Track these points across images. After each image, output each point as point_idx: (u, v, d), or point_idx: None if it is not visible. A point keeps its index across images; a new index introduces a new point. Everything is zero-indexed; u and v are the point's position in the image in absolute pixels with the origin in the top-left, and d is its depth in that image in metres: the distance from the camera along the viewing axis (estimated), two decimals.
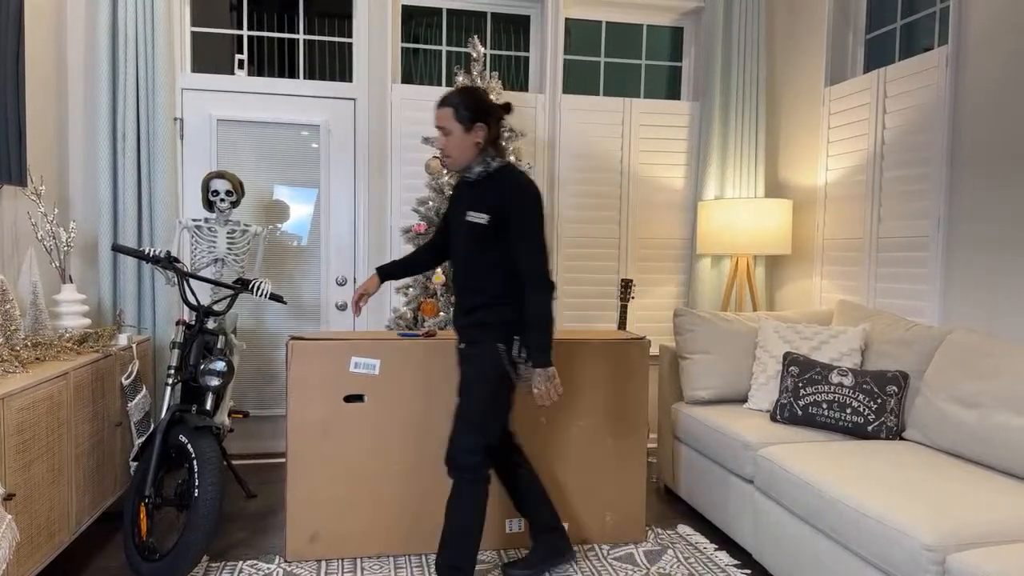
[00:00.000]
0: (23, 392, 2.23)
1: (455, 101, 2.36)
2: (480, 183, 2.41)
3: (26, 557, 2.26)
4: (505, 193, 2.35)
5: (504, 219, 2.33)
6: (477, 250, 2.39)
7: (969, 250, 2.98)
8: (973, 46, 2.97)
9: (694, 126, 4.39)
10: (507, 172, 2.40)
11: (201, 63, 4.16)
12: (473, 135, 2.37)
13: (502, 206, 2.33)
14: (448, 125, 2.37)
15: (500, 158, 2.43)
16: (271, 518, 3.24)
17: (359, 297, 2.68)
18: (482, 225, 2.35)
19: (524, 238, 2.33)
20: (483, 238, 2.37)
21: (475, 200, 2.39)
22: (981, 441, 2.43)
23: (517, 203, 2.33)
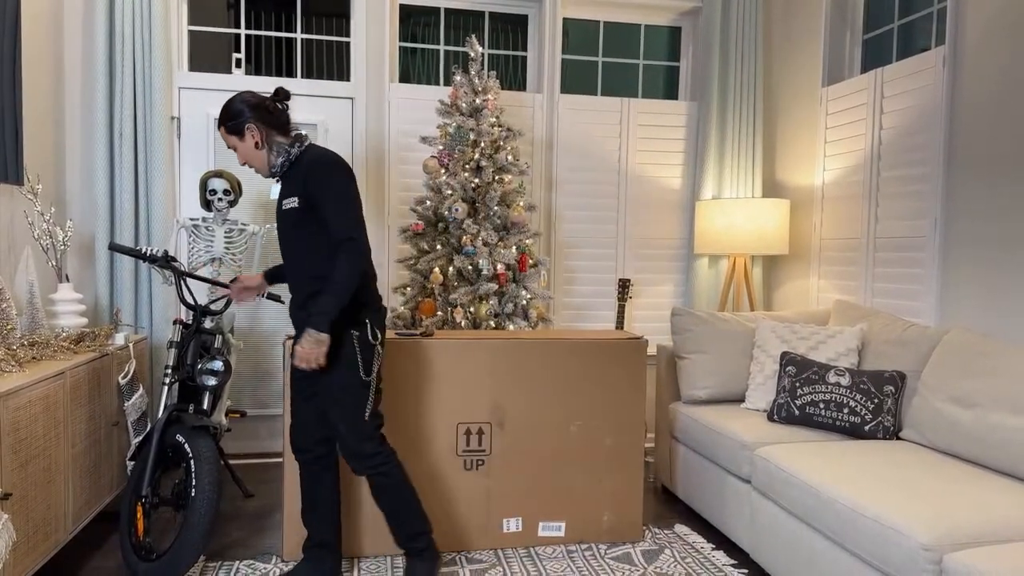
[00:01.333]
0: (19, 391, 2.22)
1: (222, 119, 2.39)
2: (288, 173, 2.40)
3: (22, 556, 2.25)
4: (306, 171, 2.32)
5: (312, 196, 2.30)
6: (298, 237, 2.36)
7: (966, 250, 2.98)
8: (970, 47, 2.98)
9: (692, 126, 4.40)
10: (306, 152, 2.39)
11: (198, 62, 4.15)
12: (249, 139, 2.37)
13: (306, 183, 2.30)
14: (229, 141, 2.41)
15: (299, 144, 2.40)
16: (268, 518, 3.23)
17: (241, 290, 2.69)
18: (295, 209, 2.33)
19: (331, 204, 2.28)
20: (300, 223, 2.34)
21: (287, 189, 2.38)
22: (977, 441, 2.44)
23: (318, 175, 2.30)
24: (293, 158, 2.38)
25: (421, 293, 3.61)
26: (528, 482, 2.93)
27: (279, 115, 2.41)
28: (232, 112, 2.37)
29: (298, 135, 2.43)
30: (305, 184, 2.30)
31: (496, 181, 3.57)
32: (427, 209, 3.61)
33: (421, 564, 2.52)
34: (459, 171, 3.55)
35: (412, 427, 2.84)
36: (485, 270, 3.49)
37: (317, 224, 2.32)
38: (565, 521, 2.98)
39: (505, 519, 2.93)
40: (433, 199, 3.61)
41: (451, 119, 3.61)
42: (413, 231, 3.63)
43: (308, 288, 2.38)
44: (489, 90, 3.64)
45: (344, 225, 2.27)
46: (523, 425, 2.91)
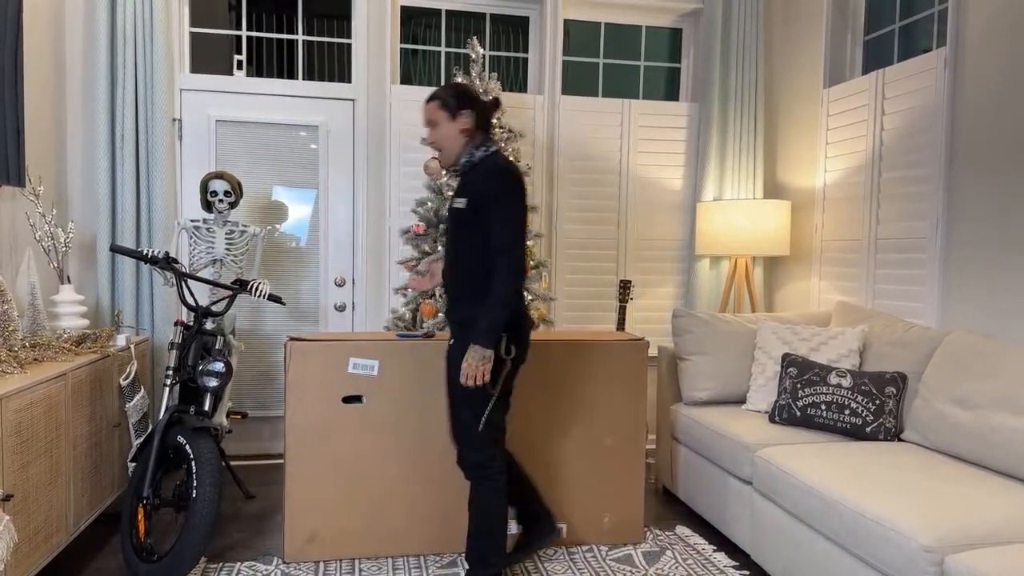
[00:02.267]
0: (21, 393, 2.22)
1: (441, 94, 2.40)
2: (465, 173, 2.43)
3: (24, 558, 2.25)
4: (483, 177, 2.33)
5: (481, 203, 2.30)
6: (459, 237, 2.39)
7: (967, 251, 2.98)
8: (971, 48, 2.98)
9: (693, 127, 4.40)
10: (489, 158, 2.39)
11: (200, 64, 4.16)
12: (459, 122, 2.38)
13: (479, 190, 2.31)
14: (435, 116, 2.39)
15: (485, 148, 2.40)
16: (269, 519, 3.23)
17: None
18: (462, 210, 2.35)
19: (497, 216, 2.27)
20: (463, 224, 2.36)
21: (460, 187, 2.42)
22: (979, 442, 2.43)
23: (492, 184, 2.30)
24: (476, 160, 2.39)
25: (422, 295, 3.61)
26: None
27: (489, 120, 2.46)
28: (461, 93, 2.39)
29: (490, 142, 2.43)
30: (478, 189, 2.31)
31: None
32: (428, 210, 3.61)
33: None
34: None
35: (412, 429, 2.84)
36: None
37: (477, 228, 2.32)
38: (566, 522, 2.98)
39: None
40: (434, 200, 3.61)
41: None
42: (414, 232, 3.64)
43: (458, 289, 2.41)
44: (490, 92, 3.64)
45: (506, 240, 2.26)
46: (524, 426, 2.91)
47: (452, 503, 2.88)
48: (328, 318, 4.12)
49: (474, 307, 2.31)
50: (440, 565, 2.79)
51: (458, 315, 2.40)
